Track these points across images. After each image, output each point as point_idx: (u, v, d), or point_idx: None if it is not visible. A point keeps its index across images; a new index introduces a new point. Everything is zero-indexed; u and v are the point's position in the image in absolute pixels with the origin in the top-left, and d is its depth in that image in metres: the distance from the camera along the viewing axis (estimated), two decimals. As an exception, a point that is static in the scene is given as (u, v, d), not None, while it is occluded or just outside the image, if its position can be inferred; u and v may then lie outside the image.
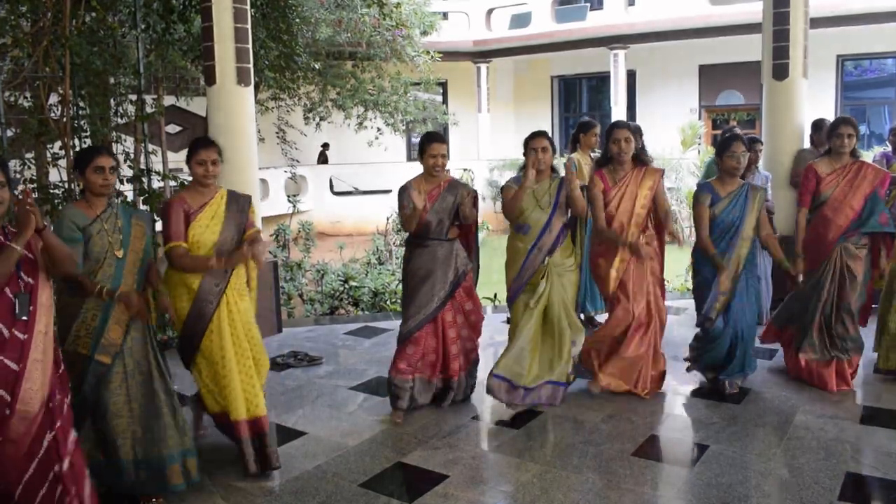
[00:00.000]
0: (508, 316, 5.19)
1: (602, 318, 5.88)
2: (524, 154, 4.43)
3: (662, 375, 4.67)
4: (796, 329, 4.75)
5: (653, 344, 4.56)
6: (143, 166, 6.30)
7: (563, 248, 4.40)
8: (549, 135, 4.49)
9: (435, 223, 4.30)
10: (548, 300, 4.30)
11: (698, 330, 4.71)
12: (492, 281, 6.95)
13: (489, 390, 4.24)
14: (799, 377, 4.71)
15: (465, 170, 20.84)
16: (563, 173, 4.44)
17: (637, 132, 6.09)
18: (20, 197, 2.65)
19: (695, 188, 5.09)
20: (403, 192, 4.31)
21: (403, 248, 4.66)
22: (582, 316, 6.15)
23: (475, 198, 4.45)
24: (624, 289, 4.47)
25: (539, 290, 4.30)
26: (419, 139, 4.32)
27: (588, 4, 18.97)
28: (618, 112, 17.71)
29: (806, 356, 4.63)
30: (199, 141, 3.73)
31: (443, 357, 4.41)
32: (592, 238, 4.78)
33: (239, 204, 3.73)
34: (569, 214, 4.44)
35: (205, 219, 3.61)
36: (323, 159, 19.31)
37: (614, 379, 4.58)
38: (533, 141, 4.37)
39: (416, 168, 4.44)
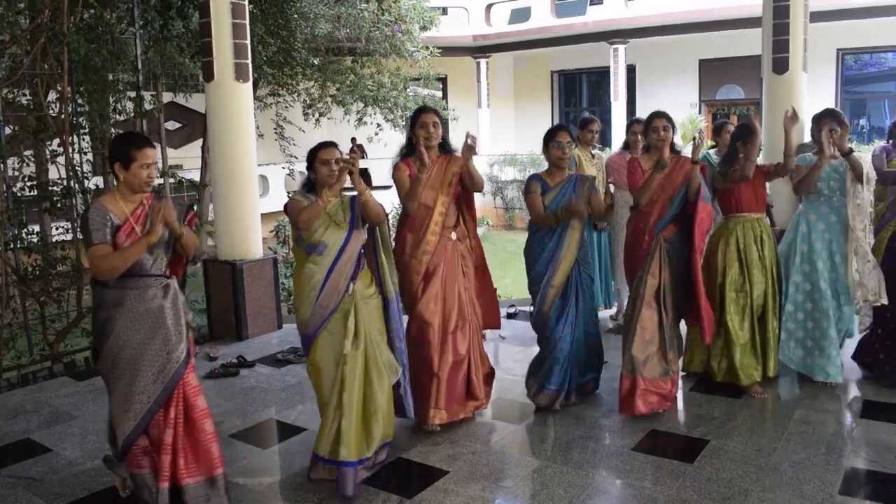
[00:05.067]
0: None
1: (603, 313, 5.88)
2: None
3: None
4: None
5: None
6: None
7: (363, 273, 3.67)
8: (336, 145, 3.67)
9: (149, 256, 3.12)
10: (364, 338, 3.53)
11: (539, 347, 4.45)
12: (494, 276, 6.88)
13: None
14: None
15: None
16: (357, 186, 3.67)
17: (635, 124, 6.13)
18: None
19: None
20: (95, 214, 3.04)
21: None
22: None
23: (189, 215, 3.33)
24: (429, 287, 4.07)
25: (351, 330, 3.50)
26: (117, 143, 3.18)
27: (588, -1, 18.95)
28: (618, 107, 17.70)
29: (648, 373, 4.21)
30: None
31: (188, 448, 3.14)
32: (400, 225, 4.23)
33: None
34: (366, 235, 3.73)
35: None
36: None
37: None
38: (321, 152, 3.58)
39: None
